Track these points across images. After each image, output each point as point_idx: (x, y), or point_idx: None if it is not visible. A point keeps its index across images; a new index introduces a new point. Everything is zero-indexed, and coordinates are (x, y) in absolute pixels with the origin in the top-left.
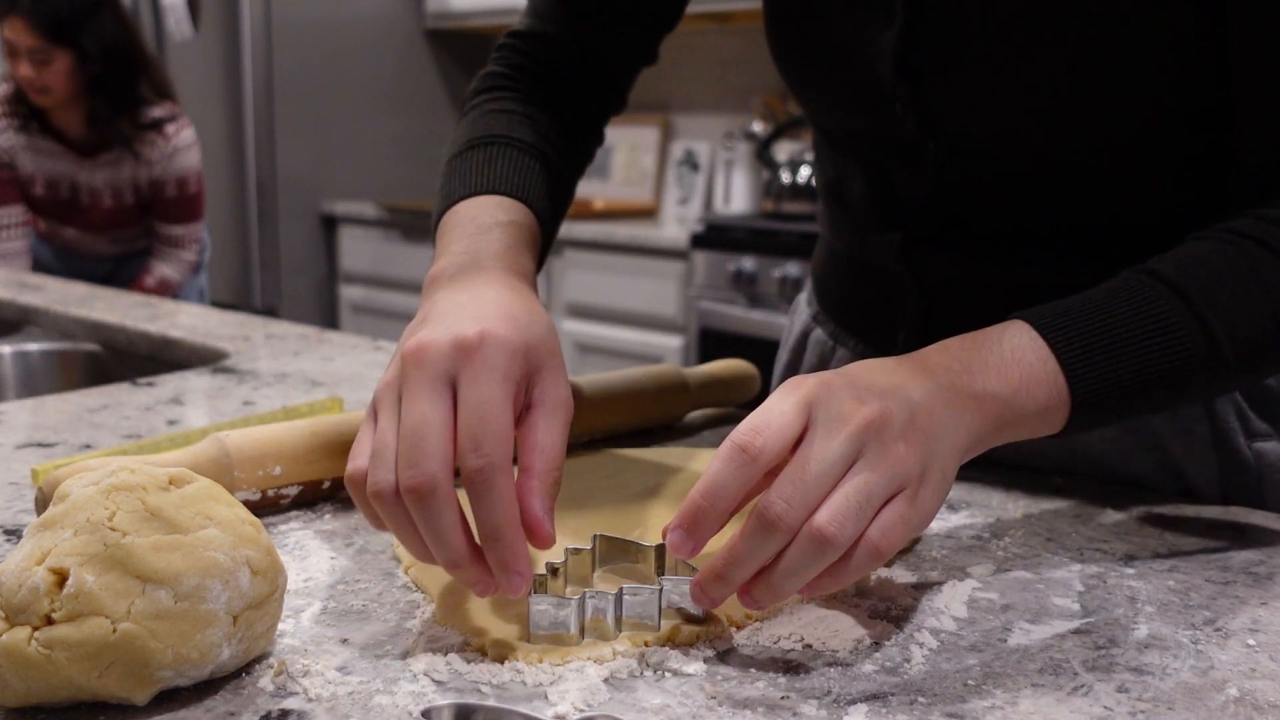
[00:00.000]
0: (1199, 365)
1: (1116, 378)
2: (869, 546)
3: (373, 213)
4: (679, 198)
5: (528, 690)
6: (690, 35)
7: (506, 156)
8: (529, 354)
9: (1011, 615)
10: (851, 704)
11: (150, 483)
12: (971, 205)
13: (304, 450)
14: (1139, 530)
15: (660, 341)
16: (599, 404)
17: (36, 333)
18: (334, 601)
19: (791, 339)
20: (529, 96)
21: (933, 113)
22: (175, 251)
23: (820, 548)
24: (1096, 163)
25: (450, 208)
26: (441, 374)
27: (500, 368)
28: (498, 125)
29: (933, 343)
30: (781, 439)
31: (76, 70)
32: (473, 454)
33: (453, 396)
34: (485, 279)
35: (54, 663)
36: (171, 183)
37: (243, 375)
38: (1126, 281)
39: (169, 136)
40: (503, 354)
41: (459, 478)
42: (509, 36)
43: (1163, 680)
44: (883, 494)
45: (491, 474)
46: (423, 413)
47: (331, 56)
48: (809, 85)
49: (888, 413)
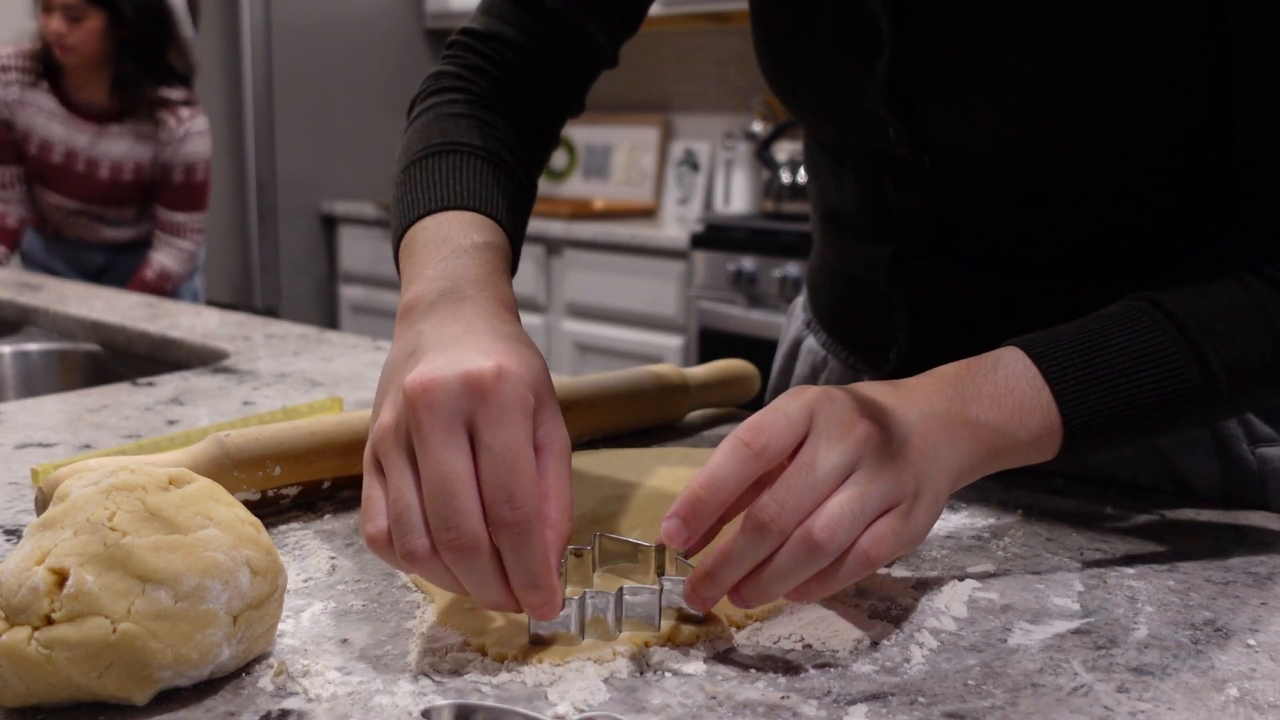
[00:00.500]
0: (1194, 397)
1: (1110, 409)
2: (859, 555)
3: (372, 213)
4: (679, 198)
5: (528, 690)
6: (690, 35)
7: (470, 167)
8: (536, 392)
9: (1011, 615)
10: (851, 704)
11: (150, 483)
12: (964, 221)
13: (304, 450)
14: (1139, 530)
15: (660, 341)
16: (599, 404)
17: (36, 333)
18: (334, 601)
19: (785, 344)
20: (485, 100)
21: (926, 135)
22: (175, 240)
23: (811, 553)
24: (1089, 182)
25: (415, 223)
26: (457, 416)
27: (519, 406)
28: (455, 131)
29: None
30: (784, 438)
31: (107, 31)
32: (507, 506)
33: (469, 440)
34: (472, 309)
35: (54, 663)
36: (179, 167)
37: (243, 375)
38: (1124, 309)
39: (182, 119)
40: (520, 391)
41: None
42: (462, 34)
43: (1163, 680)
44: (877, 507)
45: (529, 526)
46: (447, 466)
47: (331, 56)
48: (800, 103)
49: (887, 429)
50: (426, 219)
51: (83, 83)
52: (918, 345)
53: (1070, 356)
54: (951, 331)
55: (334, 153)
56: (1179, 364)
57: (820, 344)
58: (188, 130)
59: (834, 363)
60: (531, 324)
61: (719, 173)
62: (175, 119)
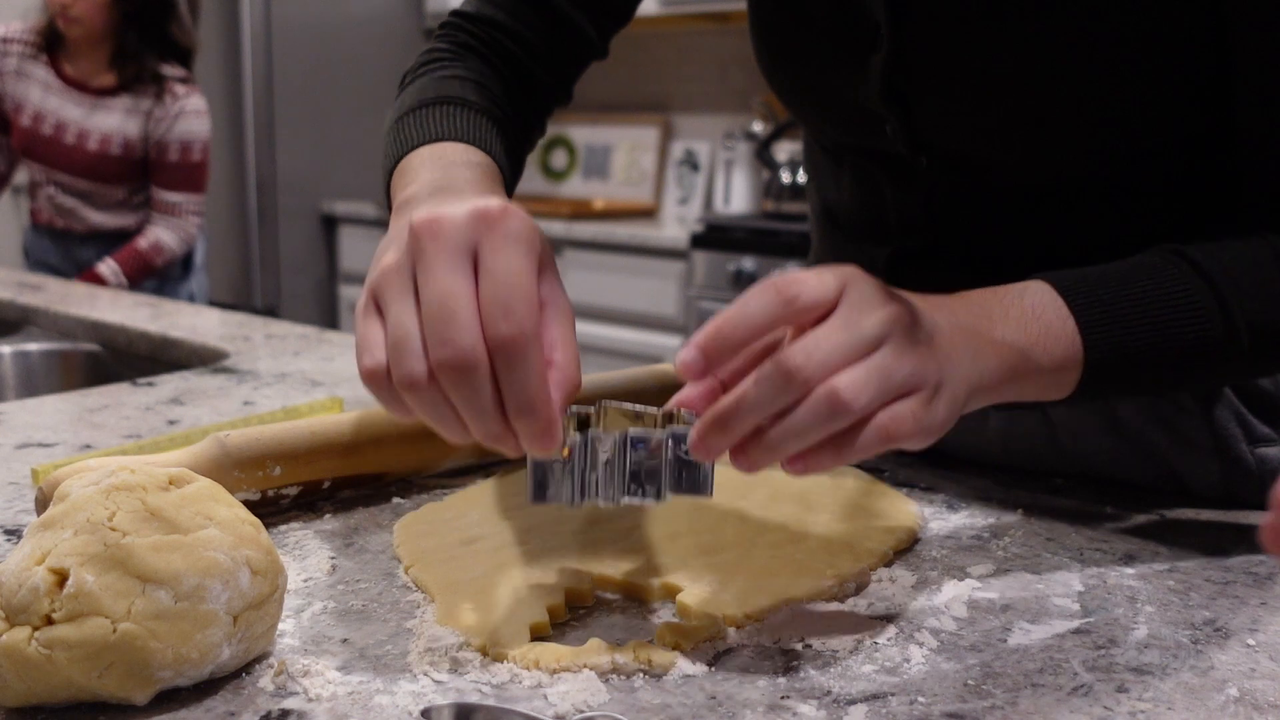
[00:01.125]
0: (1214, 347)
1: (1133, 347)
2: (878, 428)
3: (372, 212)
4: (679, 198)
5: (527, 690)
6: (690, 35)
7: (465, 115)
8: (541, 251)
9: (1011, 615)
10: (851, 704)
11: (150, 483)
12: (961, 222)
13: (304, 450)
14: (1139, 530)
15: (660, 341)
16: None
17: (36, 333)
18: (334, 601)
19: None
20: (477, 74)
21: (923, 133)
22: (172, 220)
23: (833, 410)
24: (1086, 184)
25: (407, 154)
26: (462, 245)
27: (525, 240)
28: (450, 89)
29: None
30: (815, 294)
31: (111, 3)
32: (503, 321)
33: (474, 271)
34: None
35: (54, 663)
36: (175, 145)
37: (243, 375)
38: (1151, 257)
39: (178, 96)
40: (528, 228)
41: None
42: (454, 15)
43: (1163, 680)
44: (900, 383)
45: (525, 343)
46: (447, 286)
47: (331, 56)
48: (799, 100)
49: (916, 316)
50: (421, 148)
51: (83, 56)
52: None
53: (1097, 292)
54: None
55: (334, 153)
56: (1202, 311)
57: None
58: (183, 108)
59: None
60: None
61: (719, 173)
62: (171, 95)
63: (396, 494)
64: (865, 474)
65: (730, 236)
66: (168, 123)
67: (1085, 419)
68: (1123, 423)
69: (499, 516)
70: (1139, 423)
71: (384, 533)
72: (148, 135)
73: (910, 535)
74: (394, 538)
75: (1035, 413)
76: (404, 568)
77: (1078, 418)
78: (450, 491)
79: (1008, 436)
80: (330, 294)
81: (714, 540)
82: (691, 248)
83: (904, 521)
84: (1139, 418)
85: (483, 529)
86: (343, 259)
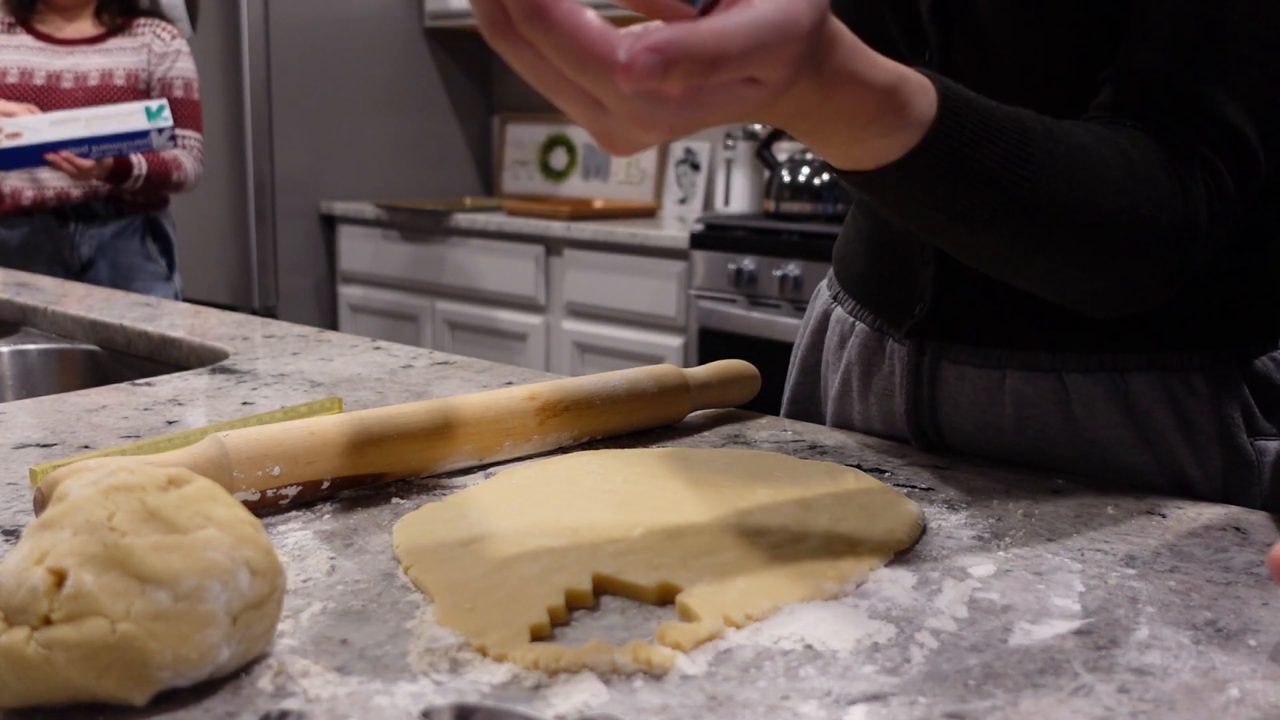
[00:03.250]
0: (1025, 194)
1: (969, 130)
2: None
3: (371, 213)
4: (679, 197)
5: (527, 691)
6: None
7: None
8: None
9: (1012, 615)
10: (851, 704)
11: (149, 483)
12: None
13: (303, 450)
14: (1140, 530)
15: (660, 341)
16: (599, 404)
17: (35, 333)
18: (334, 602)
19: (811, 321)
20: None
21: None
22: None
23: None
24: None
25: None
26: None
27: None
28: None
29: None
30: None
31: None
32: None
33: None
34: None
35: (53, 663)
36: (178, 82)
37: (242, 375)
38: (1026, 114)
39: (173, 35)
40: None
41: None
42: None
43: (1164, 681)
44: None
45: None
46: None
47: (330, 56)
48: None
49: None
50: None
51: (66, 22)
52: (942, 301)
53: (970, 103)
54: (976, 288)
55: (333, 153)
56: (1035, 166)
57: (849, 311)
58: (177, 47)
59: (860, 326)
60: (531, 324)
61: (719, 172)
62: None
63: (396, 494)
64: (866, 474)
65: (730, 236)
66: (170, 60)
67: (1096, 387)
68: (1134, 397)
69: (499, 517)
70: (1148, 401)
71: (384, 533)
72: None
73: (911, 535)
74: (394, 538)
75: (1051, 375)
76: (403, 568)
77: (1091, 380)
78: (450, 491)
79: (1021, 401)
80: (329, 294)
81: (714, 540)
82: (691, 247)
83: (904, 522)
84: (1149, 395)
85: (483, 529)
86: (341, 259)
